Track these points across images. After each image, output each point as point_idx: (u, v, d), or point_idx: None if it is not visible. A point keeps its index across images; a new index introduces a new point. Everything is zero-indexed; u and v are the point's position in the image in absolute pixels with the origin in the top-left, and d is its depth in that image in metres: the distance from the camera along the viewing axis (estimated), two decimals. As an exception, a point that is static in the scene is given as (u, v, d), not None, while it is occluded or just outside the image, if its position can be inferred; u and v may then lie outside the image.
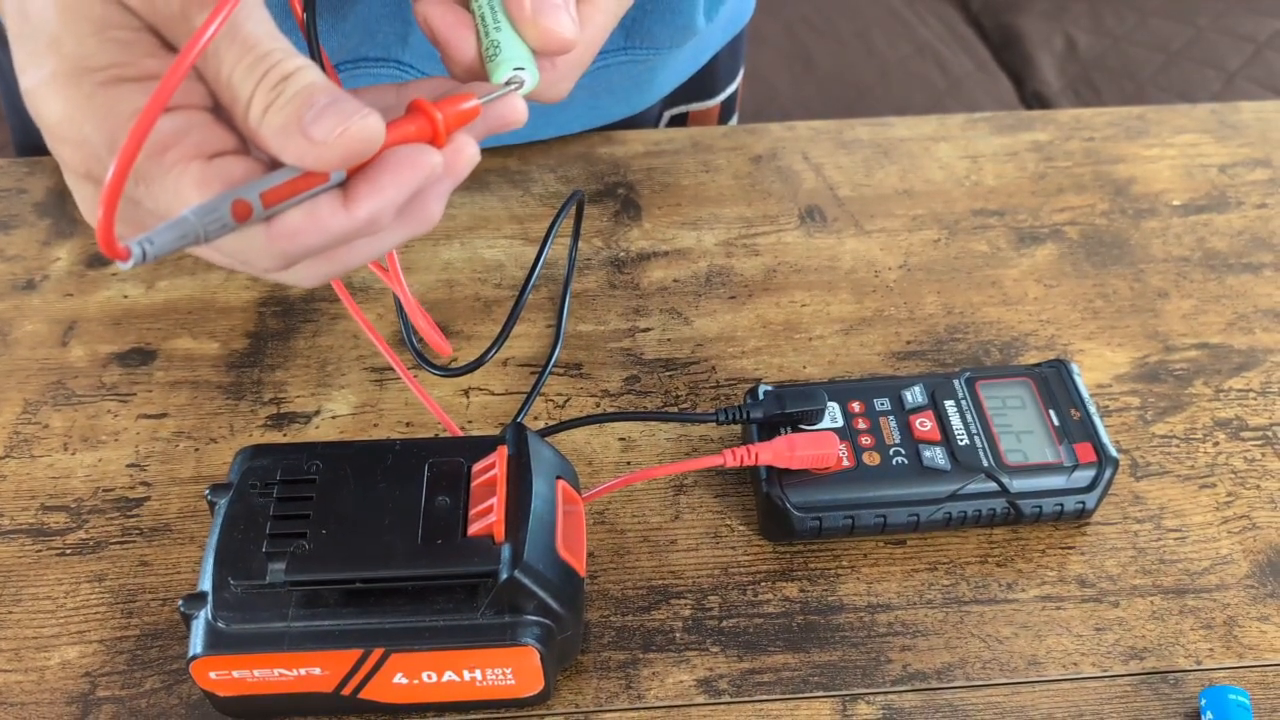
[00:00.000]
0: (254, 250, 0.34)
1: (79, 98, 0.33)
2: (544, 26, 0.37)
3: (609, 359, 0.57)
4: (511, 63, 0.37)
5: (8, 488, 0.51)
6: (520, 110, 0.37)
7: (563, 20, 0.37)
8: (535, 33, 0.37)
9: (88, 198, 0.36)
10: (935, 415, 0.49)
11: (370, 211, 0.33)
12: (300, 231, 0.33)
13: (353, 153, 0.32)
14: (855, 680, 0.45)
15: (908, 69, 1.48)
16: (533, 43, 0.37)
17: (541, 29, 0.37)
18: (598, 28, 0.39)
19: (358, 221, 0.34)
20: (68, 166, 0.35)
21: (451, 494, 0.42)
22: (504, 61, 0.37)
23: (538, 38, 0.37)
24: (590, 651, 0.45)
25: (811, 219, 0.64)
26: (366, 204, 0.33)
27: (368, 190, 0.33)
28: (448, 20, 0.38)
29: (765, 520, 0.49)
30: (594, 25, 0.39)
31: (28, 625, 0.46)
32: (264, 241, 0.33)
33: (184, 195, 0.33)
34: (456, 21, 0.38)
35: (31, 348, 0.57)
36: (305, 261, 0.35)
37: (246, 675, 0.40)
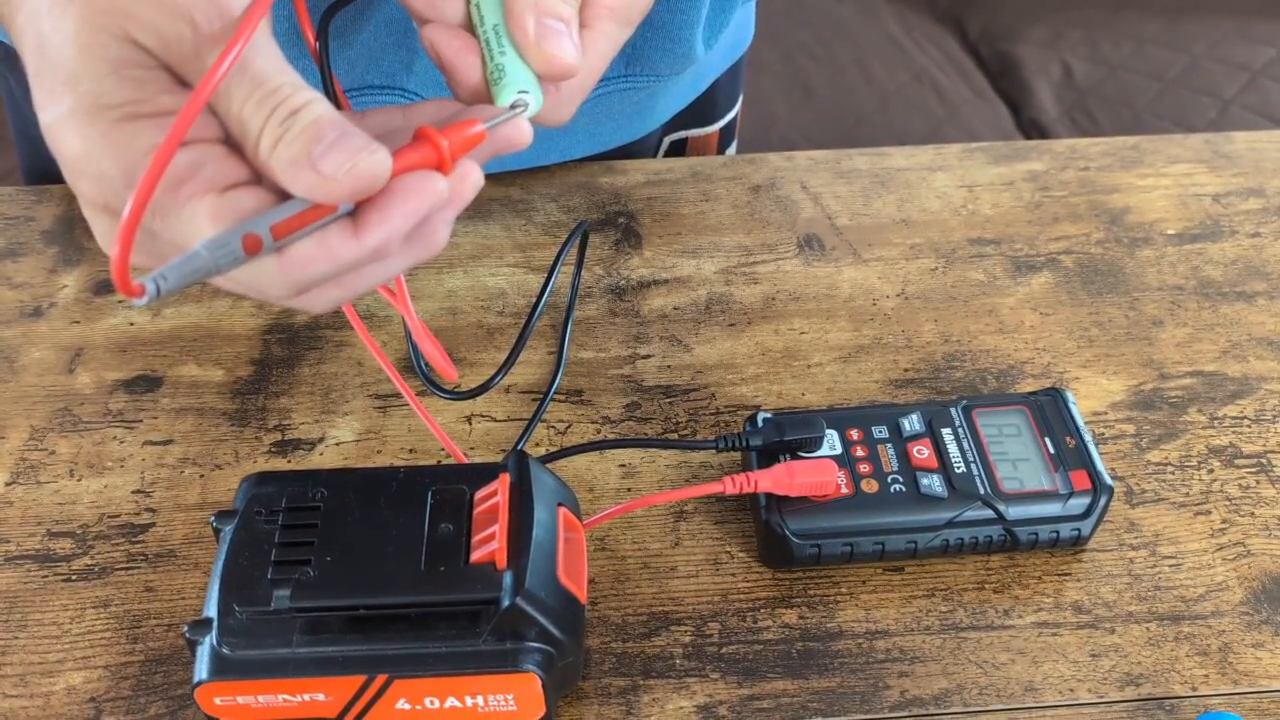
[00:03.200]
0: (266, 279, 0.35)
1: (96, 134, 0.34)
2: (547, 52, 0.38)
3: (609, 385, 0.57)
4: (516, 86, 0.38)
5: (14, 514, 0.51)
6: (525, 132, 0.38)
7: (565, 46, 0.38)
8: (539, 57, 0.38)
9: (105, 231, 0.36)
10: (932, 443, 0.50)
11: (379, 240, 0.34)
12: (311, 261, 0.34)
13: (361, 187, 0.33)
14: (854, 706, 0.45)
15: (906, 96, 1.50)
16: (536, 67, 0.38)
17: (545, 54, 0.38)
18: (600, 54, 0.40)
19: (366, 250, 0.34)
20: (85, 200, 0.36)
21: (454, 521, 0.42)
22: (508, 85, 0.38)
23: (541, 62, 0.38)
24: (591, 678, 0.46)
25: (810, 248, 0.65)
26: (375, 233, 0.34)
27: (376, 220, 0.34)
28: (454, 45, 0.39)
29: (764, 547, 0.49)
30: (596, 52, 0.40)
31: (34, 651, 0.47)
32: (276, 272, 0.34)
33: (198, 227, 0.33)
34: (462, 46, 0.39)
35: (38, 374, 0.57)
36: (315, 289, 0.36)
37: (251, 701, 0.41)
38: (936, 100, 1.50)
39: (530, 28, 0.38)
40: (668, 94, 0.71)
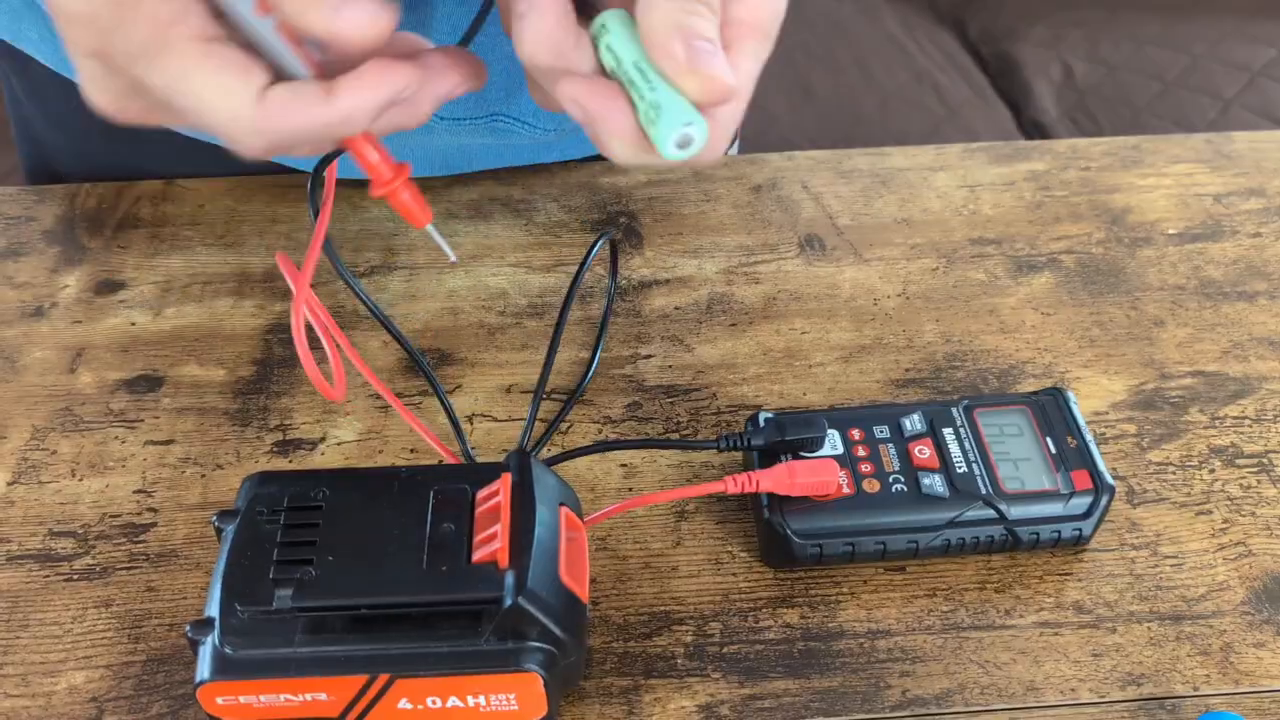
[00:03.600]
0: (241, 128, 0.36)
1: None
2: (704, 74, 0.35)
3: (611, 385, 0.57)
4: (678, 121, 0.35)
5: (15, 514, 0.51)
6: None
7: (720, 64, 0.35)
8: (696, 82, 0.35)
9: (94, 75, 0.37)
10: (934, 443, 0.50)
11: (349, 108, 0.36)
12: (285, 113, 0.35)
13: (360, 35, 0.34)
14: (855, 706, 0.45)
15: (906, 97, 1.50)
16: (694, 94, 0.35)
17: (702, 76, 0.35)
18: (747, 75, 0.38)
19: (337, 113, 0.36)
20: (75, 46, 0.36)
21: (456, 521, 0.42)
22: (668, 122, 0.35)
23: (699, 87, 0.35)
24: (593, 677, 0.46)
25: (811, 248, 0.65)
26: (346, 99, 0.35)
27: (349, 87, 0.35)
28: (598, 94, 0.36)
29: (766, 547, 0.49)
30: (744, 73, 0.38)
31: (35, 650, 0.47)
32: (250, 118, 0.35)
33: (189, 70, 0.34)
34: (607, 93, 0.36)
35: (40, 374, 0.57)
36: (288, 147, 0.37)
37: (253, 701, 0.41)
38: (937, 100, 1.50)
39: (680, 53, 0.35)
40: None
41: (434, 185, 0.68)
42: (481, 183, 0.68)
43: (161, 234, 0.65)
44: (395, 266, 0.63)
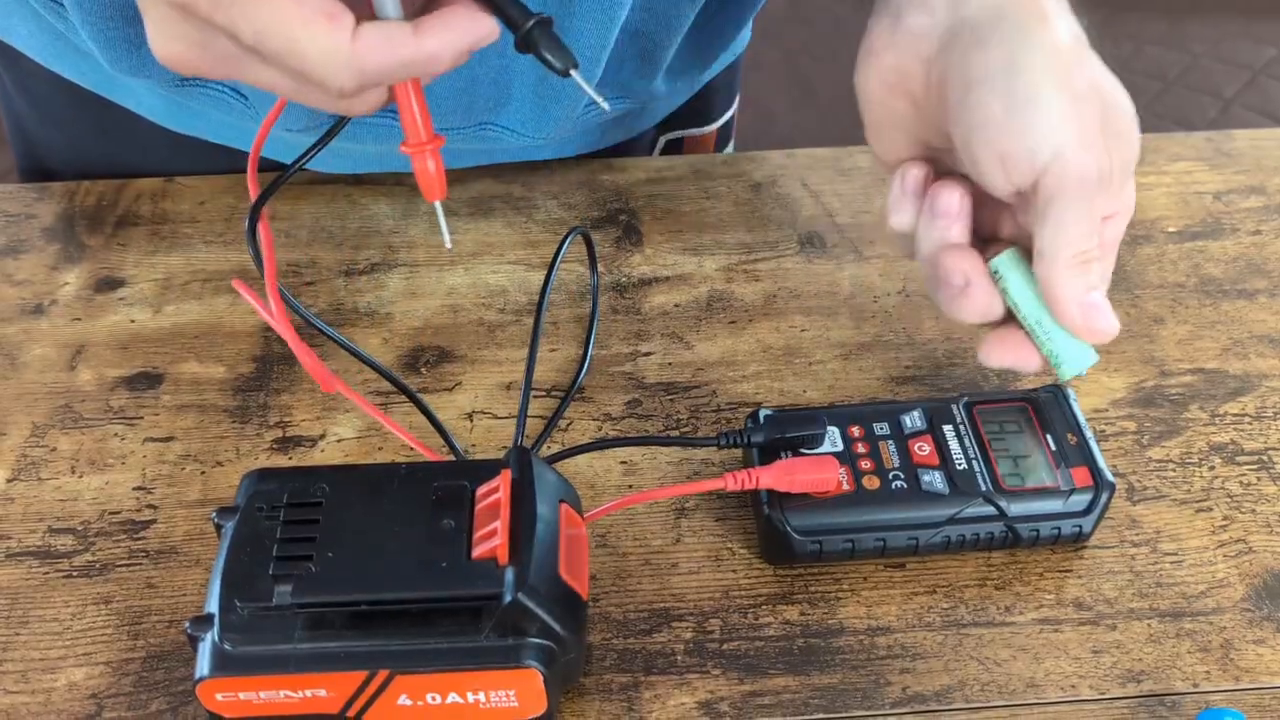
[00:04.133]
0: (337, 63, 0.37)
1: None
2: (1097, 330, 0.46)
3: (610, 383, 0.57)
4: (1078, 366, 0.47)
5: (15, 510, 0.51)
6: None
7: (1109, 319, 0.46)
8: (1090, 334, 0.46)
9: (169, 24, 0.38)
10: (934, 440, 0.50)
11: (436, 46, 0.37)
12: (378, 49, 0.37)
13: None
14: (855, 703, 0.45)
15: (906, 95, 1.49)
16: (1088, 339, 0.47)
17: (1096, 331, 0.46)
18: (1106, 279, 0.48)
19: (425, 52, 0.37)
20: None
21: (456, 517, 0.42)
22: (1070, 367, 0.47)
23: (1092, 337, 0.46)
24: (592, 674, 0.46)
25: (811, 245, 0.65)
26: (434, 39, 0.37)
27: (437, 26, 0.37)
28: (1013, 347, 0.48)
29: (766, 543, 0.49)
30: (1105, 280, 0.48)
31: (34, 647, 0.47)
32: (348, 54, 0.36)
33: (283, 11, 0.35)
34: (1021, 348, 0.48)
35: (40, 371, 0.57)
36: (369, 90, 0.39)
37: (252, 697, 0.41)
38: (937, 99, 1.50)
39: (1078, 316, 0.45)
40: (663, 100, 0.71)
41: (434, 183, 0.68)
42: (481, 180, 0.68)
43: (161, 231, 0.65)
44: (395, 264, 0.63)
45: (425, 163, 0.43)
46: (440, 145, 0.42)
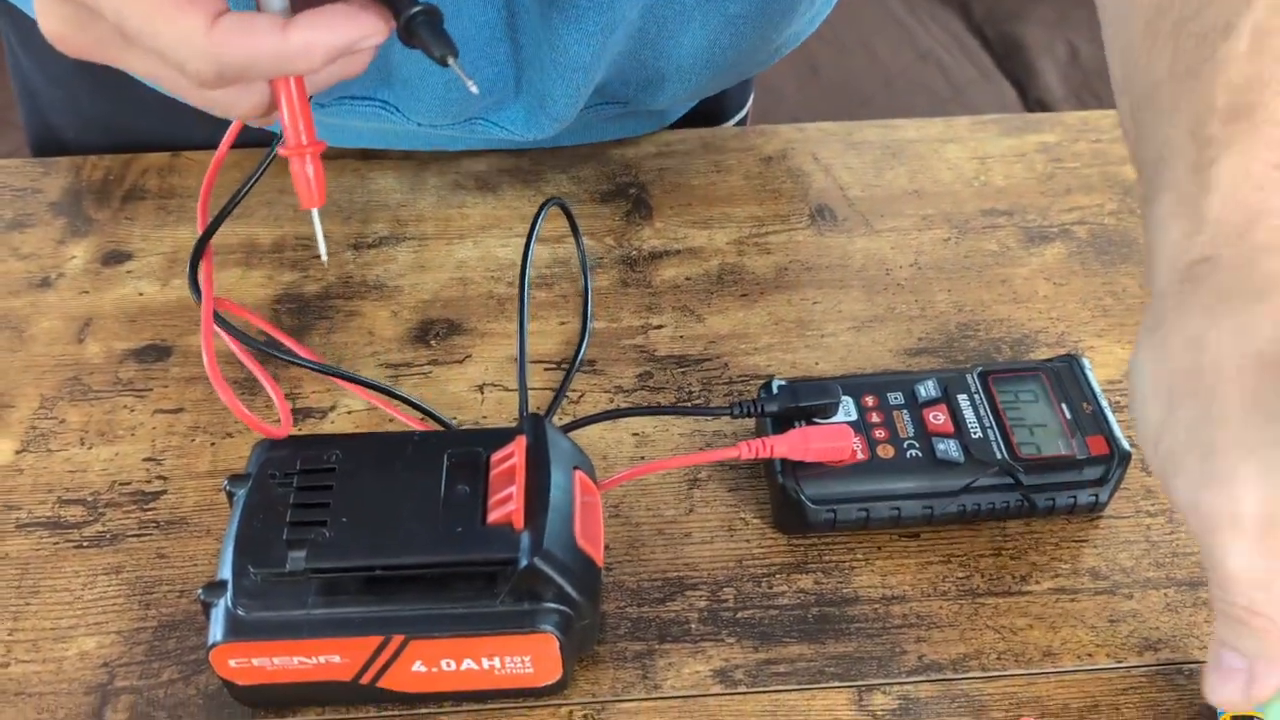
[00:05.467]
0: (190, 50, 0.35)
1: None
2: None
3: (622, 355, 0.57)
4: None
5: (25, 481, 0.51)
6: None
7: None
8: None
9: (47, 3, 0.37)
10: (948, 409, 0.50)
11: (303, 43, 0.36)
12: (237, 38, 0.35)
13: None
14: (871, 671, 0.45)
15: (911, 77, 1.49)
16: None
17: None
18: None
19: (291, 47, 0.36)
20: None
21: (470, 483, 0.42)
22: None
23: None
24: (606, 642, 0.46)
25: (822, 218, 0.64)
26: (302, 35, 0.36)
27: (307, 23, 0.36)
28: None
29: (779, 513, 0.49)
30: None
31: (46, 616, 0.47)
32: (203, 42, 0.35)
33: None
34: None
35: (48, 344, 0.57)
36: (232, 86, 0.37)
37: (266, 663, 0.41)
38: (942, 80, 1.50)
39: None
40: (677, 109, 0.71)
41: (442, 156, 0.68)
42: (490, 154, 0.68)
43: (168, 205, 0.65)
44: (404, 237, 0.63)
45: (304, 167, 0.41)
46: (321, 150, 0.41)
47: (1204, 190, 0.38)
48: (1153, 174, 0.41)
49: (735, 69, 0.65)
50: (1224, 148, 0.38)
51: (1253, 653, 0.38)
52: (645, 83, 0.62)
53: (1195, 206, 0.39)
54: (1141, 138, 0.42)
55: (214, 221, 0.47)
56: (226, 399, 0.44)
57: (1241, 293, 0.37)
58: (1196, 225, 0.38)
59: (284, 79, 0.38)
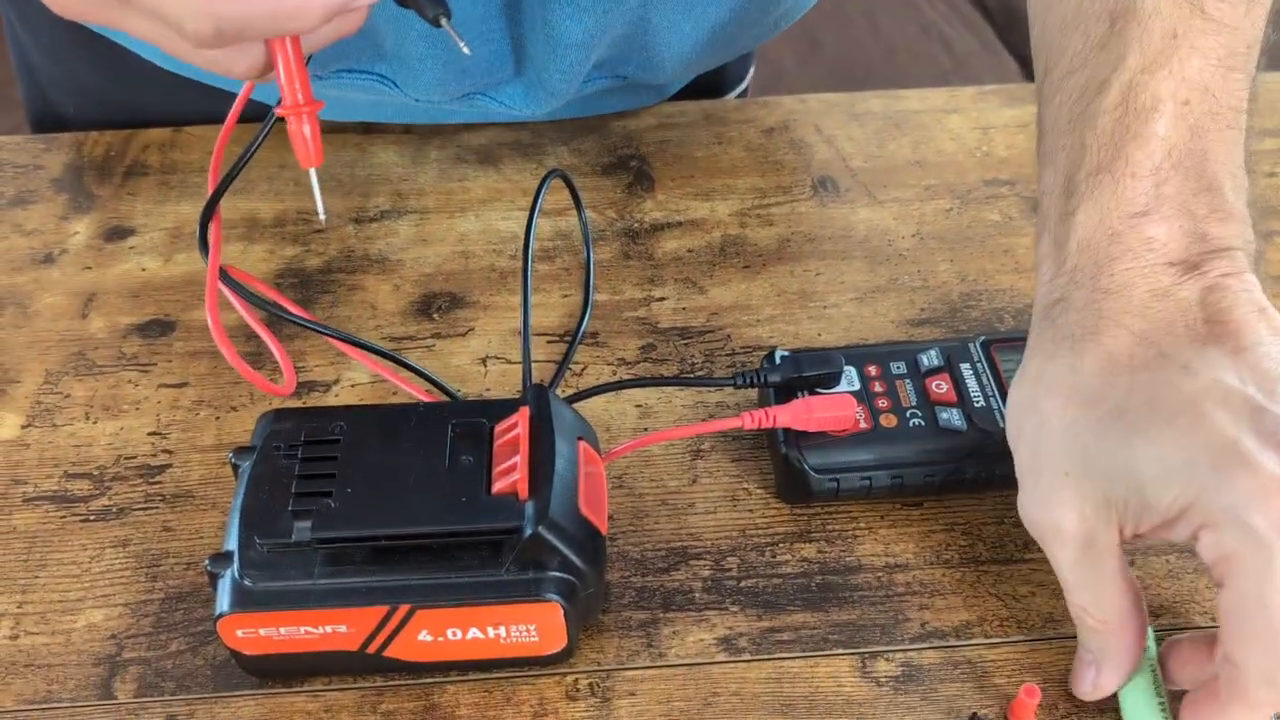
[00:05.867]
0: (189, 8, 0.35)
1: None
2: None
3: (625, 328, 0.57)
4: None
5: (31, 455, 0.51)
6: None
7: None
8: None
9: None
10: (951, 378, 0.50)
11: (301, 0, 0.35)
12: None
13: None
14: (875, 638, 0.45)
15: (913, 49, 1.49)
16: None
17: None
18: None
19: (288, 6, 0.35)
20: None
21: (475, 453, 0.42)
22: None
23: None
24: (611, 611, 0.46)
25: (825, 189, 0.64)
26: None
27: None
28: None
29: (783, 483, 0.49)
30: None
31: (54, 589, 0.47)
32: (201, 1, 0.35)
33: None
34: None
35: (52, 319, 0.57)
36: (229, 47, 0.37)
37: (273, 633, 0.41)
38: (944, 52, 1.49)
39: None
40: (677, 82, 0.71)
41: (443, 130, 0.68)
42: (491, 128, 0.68)
43: (170, 181, 0.65)
44: (405, 211, 0.63)
45: (301, 127, 0.41)
46: (318, 109, 0.41)
47: (1066, 237, 0.42)
48: (1039, 216, 0.45)
49: (735, 43, 0.65)
50: (1084, 199, 0.42)
51: (1095, 649, 0.42)
52: (644, 58, 0.61)
53: (1059, 251, 0.43)
54: (1039, 178, 0.46)
55: (224, 180, 0.47)
56: (230, 357, 0.45)
57: (1078, 334, 0.41)
58: (1058, 269, 0.43)
59: (280, 38, 0.38)
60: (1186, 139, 0.42)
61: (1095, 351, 0.41)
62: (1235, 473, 0.36)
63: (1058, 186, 0.44)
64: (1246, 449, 0.36)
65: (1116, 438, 0.39)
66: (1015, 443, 0.43)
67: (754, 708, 0.43)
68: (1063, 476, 0.40)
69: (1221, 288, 0.40)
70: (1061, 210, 0.43)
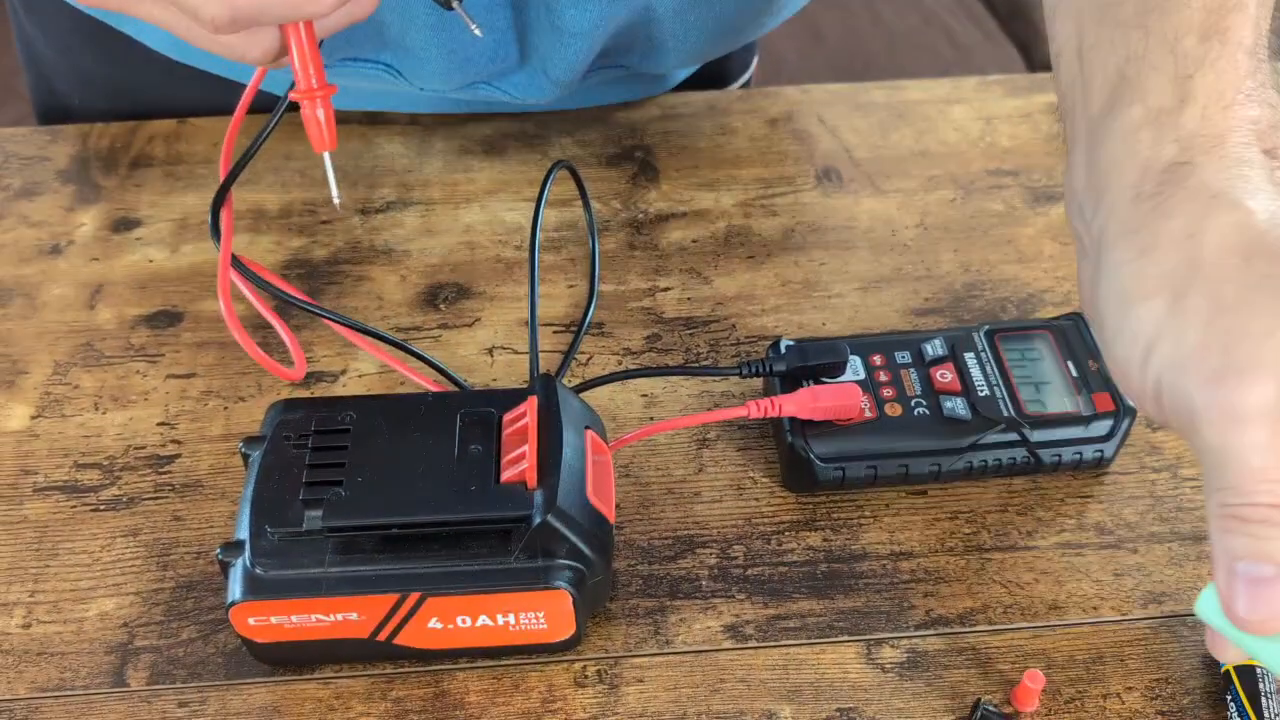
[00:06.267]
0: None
1: None
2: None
3: (630, 318, 0.57)
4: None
5: (41, 446, 0.52)
6: None
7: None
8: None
9: None
10: (955, 367, 0.50)
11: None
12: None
13: None
14: (880, 625, 0.45)
15: (915, 39, 1.49)
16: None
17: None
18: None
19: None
20: None
21: (484, 443, 0.42)
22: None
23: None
24: (618, 599, 0.46)
25: (828, 180, 0.64)
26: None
27: None
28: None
29: (788, 471, 0.49)
30: None
31: (65, 578, 0.47)
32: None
33: None
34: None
35: (59, 311, 0.58)
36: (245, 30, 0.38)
37: (284, 621, 0.41)
38: (946, 43, 1.49)
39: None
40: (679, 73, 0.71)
41: (448, 121, 0.68)
42: (496, 119, 0.68)
43: (176, 172, 0.65)
44: (411, 202, 0.63)
45: (315, 110, 0.42)
46: (332, 94, 0.42)
47: (1182, 103, 0.38)
48: (1114, 89, 0.40)
49: (738, 33, 0.65)
50: (1199, 65, 0.39)
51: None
52: (648, 48, 0.62)
53: (1172, 117, 0.38)
54: (1097, 52, 0.41)
55: (237, 165, 0.48)
56: (242, 340, 0.45)
57: (1230, 190, 0.36)
58: (1170, 134, 0.38)
59: (294, 23, 0.39)
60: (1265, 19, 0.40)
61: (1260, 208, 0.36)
62: None
63: (1158, 53, 0.39)
64: None
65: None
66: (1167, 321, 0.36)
67: (760, 694, 0.43)
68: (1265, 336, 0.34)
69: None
70: (1173, 74, 0.39)
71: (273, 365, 0.49)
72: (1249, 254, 0.35)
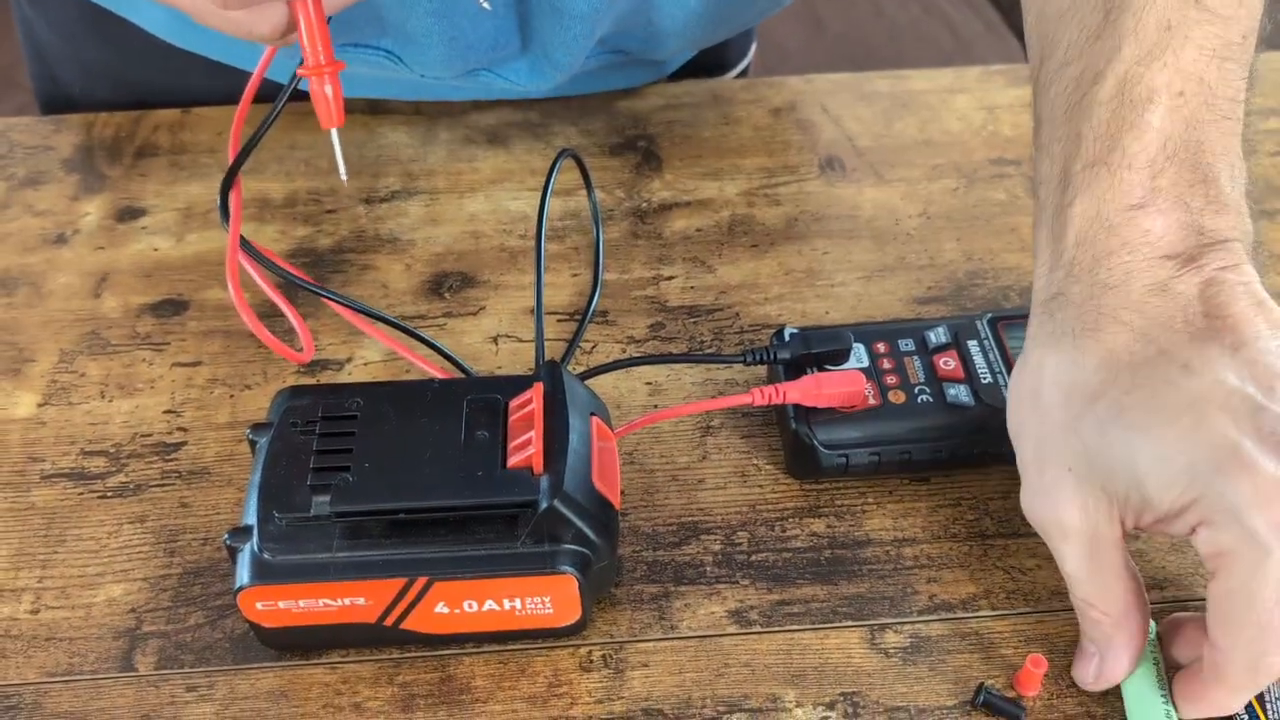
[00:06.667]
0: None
1: None
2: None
3: (634, 306, 0.58)
4: None
5: (47, 433, 0.52)
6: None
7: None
8: None
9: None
10: (959, 355, 0.50)
11: None
12: None
13: None
14: (883, 610, 0.46)
15: (917, 30, 1.49)
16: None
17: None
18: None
19: None
20: None
21: (490, 428, 0.43)
22: None
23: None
24: (624, 585, 0.46)
25: (832, 169, 0.65)
26: None
27: None
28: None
29: (792, 459, 0.50)
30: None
31: (73, 565, 0.47)
32: None
33: None
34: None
35: (65, 299, 0.58)
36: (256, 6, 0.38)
37: (292, 606, 0.42)
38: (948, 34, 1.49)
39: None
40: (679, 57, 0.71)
41: (452, 110, 0.68)
42: (499, 108, 0.68)
43: (181, 161, 0.65)
44: (415, 191, 0.63)
45: (323, 87, 0.42)
46: (340, 70, 0.42)
47: (1063, 230, 0.42)
48: (1036, 206, 0.45)
49: (737, 17, 0.65)
50: (1080, 191, 0.42)
51: (1099, 640, 0.42)
52: (648, 32, 0.62)
53: (1057, 244, 0.43)
54: (1035, 170, 0.46)
55: (245, 147, 0.48)
56: (250, 322, 0.45)
57: (1077, 329, 0.41)
58: (1055, 261, 0.43)
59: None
60: (1182, 130, 0.42)
61: (1095, 348, 0.41)
62: (1236, 475, 0.37)
63: (1054, 178, 0.43)
64: (1247, 451, 0.37)
65: (1118, 434, 0.39)
66: (1017, 438, 0.43)
67: (765, 679, 0.44)
68: (1065, 472, 0.41)
69: (1219, 281, 0.40)
70: (1058, 202, 0.43)
71: (281, 347, 0.50)
72: (1071, 392, 0.41)
